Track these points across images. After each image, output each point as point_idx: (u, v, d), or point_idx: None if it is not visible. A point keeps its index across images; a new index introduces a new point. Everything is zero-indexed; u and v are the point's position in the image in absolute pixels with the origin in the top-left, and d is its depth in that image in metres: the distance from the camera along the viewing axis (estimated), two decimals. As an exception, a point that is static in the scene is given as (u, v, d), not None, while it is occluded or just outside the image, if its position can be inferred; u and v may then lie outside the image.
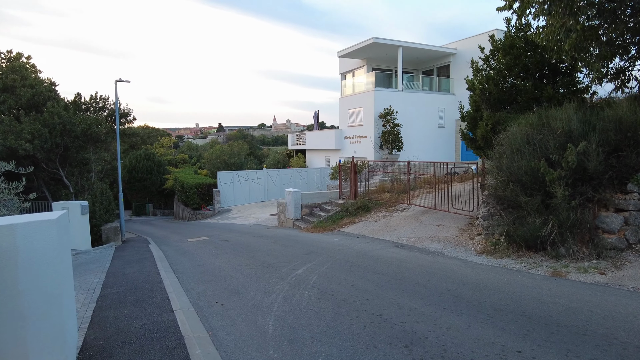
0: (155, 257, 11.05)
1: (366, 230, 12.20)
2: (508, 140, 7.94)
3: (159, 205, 44.56)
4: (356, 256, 8.80)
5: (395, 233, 11.25)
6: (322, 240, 11.35)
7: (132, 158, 44.17)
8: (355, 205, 14.31)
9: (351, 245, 10.14)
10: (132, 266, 9.76)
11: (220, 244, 12.49)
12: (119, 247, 13.74)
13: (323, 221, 14.06)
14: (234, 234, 15.13)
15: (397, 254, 8.77)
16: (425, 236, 10.43)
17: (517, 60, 9.43)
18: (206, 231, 17.13)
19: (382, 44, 26.33)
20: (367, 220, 13.31)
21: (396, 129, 25.67)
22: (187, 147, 67.25)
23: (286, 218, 15.86)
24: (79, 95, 19.48)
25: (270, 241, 12.26)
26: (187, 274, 8.53)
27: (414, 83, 29.38)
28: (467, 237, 9.75)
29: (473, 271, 6.89)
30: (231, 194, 26.63)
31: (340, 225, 13.43)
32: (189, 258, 10.53)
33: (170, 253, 11.75)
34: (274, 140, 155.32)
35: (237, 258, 9.81)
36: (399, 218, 12.81)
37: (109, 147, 21.90)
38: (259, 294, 6.45)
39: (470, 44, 27.93)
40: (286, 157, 38.86)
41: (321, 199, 16.00)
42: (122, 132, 23.63)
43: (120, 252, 12.51)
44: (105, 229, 13.96)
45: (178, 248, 12.69)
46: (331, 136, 30.42)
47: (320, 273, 7.48)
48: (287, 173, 29.78)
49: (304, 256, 9.28)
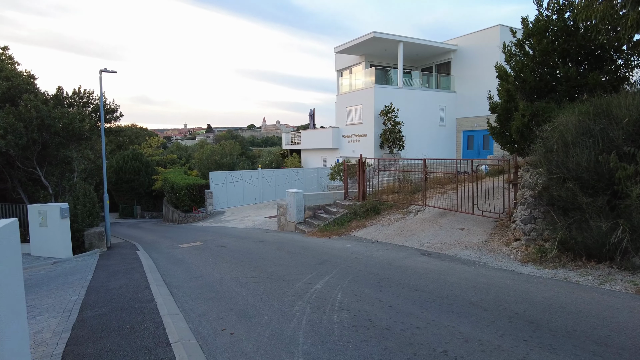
0: (145, 266, 9.74)
1: (380, 235, 11.03)
2: (558, 132, 6.84)
3: (147, 207, 42.92)
4: (380, 267, 7.61)
5: (415, 238, 10.10)
6: (334, 247, 10.14)
7: (119, 158, 42.46)
8: (364, 207, 13.14)
9: (369, 253, 8.96)
10: (118, 278, 8.44)
11: (217, 251, 11.22)
12: (104, 255, 12.37)
13: (330, 225, 12.86)
14: (230, 238, 13.85)
15: (427, 264, 7.60)
16: (451, 242, 9.30)
17: (554, 45, 8.37)
18: (199, 235, 15.81)
19: (382, 39, 25.27)
20: (379, 224, 12.14)
21: (397, 127, 24.60)
22: (175, 148, 65.49)
23: (287, 221, 14.63)
24: (60, 89, 17.96)
25: (273, 247, 11.03)
26: (183, 288, 7.26)
27: (412, 80, 28.33)
28: (500, 243, 8.65)
29: (532, 286, 5.75)
30: (224, 195, 25.28)
31: (350, 229, 12.25)
32: (183, 268, 9.24)
33: (161, 261, 10.44)
34: (264, 141, 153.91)
35: (239, 268, 8.56)
36: (414, 221, 11.67)
37: (94, 145, 20.42)
38: (275, 317, 5.22)
39: (472, 40, 27.06)
40: (280, 157, 37.56)
41: (325, 201, 14.80)
42: (108, 130, 22.18)
43: (105, 261, 11.16)
44: (88, 234, 12.58)
45: (170, 255, 11.39)
46: (328, 135, 29.26)
47: (344, 289, 6.27)
48: (282, 173, 28.52)
49: (317, 266, 8.07)
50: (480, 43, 26.55)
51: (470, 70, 27.24)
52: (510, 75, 8.70)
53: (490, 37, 25.84)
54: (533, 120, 8.13)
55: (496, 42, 25.62)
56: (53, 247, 11.57)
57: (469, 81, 27.36)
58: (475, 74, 26.87)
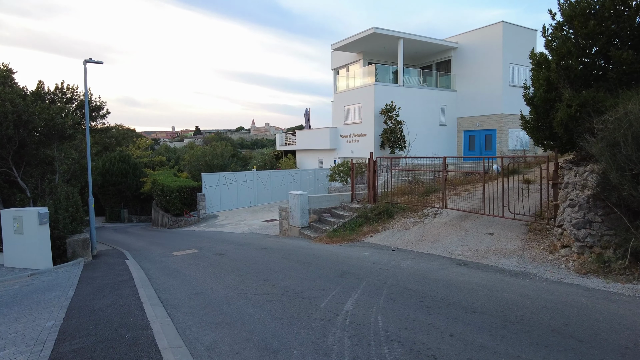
0: (136, 279, 8.52)
1: (399, 241, 9.96)
2: (626, 122, 5.84)
3: (135, 211, 41.36)
4: (415, 280, 6.53)
5: (440, 245, 9.05)
6: (349, 255, 9.04)
7: (105, 160, 40.82)
8: (375, 210, 12.08)
9: (394, 263, 7.88)
10: (104, 295, 7.22)
11: (216, 260, 10.03)
12: (89, 265, 11.09)
13: (339, 229, 11.76)
14: (228, 245, 12.67)
15: (470, 277, 6.55)
16: (484, 249, 8.27)
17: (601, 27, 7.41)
18: (193, 242, 14.58)
19: (382, 35, 24.32)
20: (394, 229, 11.08)
21: (399, 127, 23.62)
22: (164, 149, 63.77)
23: (290, 225, 13.49)
24: (41, 83, 16.55)
25: (279, 256, 9.89)
26: (183, 308, 6.09)
27: (412, 78, 27.41)
28: (541, 250, 7.65)
29: (620, 307, 4.73)
30: (217, 198, 24.01)
31: (362, 235, 11.16)
32: (180, 281, 8.05)
33: (154, 273, 9.23)
34: (253, 144, 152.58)
35: (245, 282, 7.41)
36: (434, 225, 10.63)
37: (79, 145, 19.02)
38: (307, 353, 4.10)
39: (474, 38, 26.28)
40: (274, 159, 36.37)
41: (331, 203, 13.70)
42: (94, 129, 20.77)
43: (89, 272, 9.89)
44: (71, 242, 11.28)
45: (163, 265, 10.17)
46: (325, 135, 28.17)
47: (383, 311, 5.18)
48: (278, 175, 27.34)
49: (338, 280, 6.96)
50: (482, 41, 25.79)
51: (472, 69, 26.46)
52: (552, 62, 7.72)
53: (493, 34, 25.10)
54: (581, 111, 7.14)
55: (499, 39, 24.91)
56: (30, 257, 10.27)
57: (470, 80, 26.58)
58: (476, 72, 26.09)
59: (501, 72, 24.83)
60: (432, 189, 13.96)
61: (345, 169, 21.98)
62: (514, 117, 25.93)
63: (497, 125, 25.56)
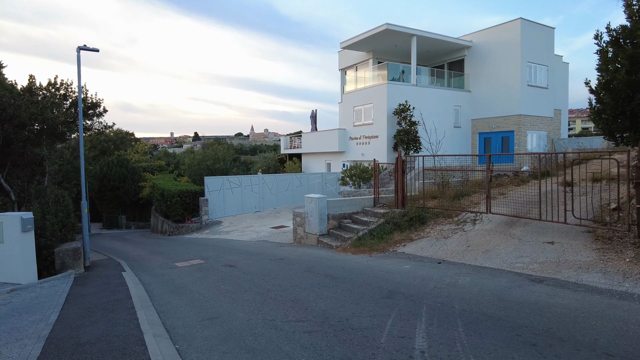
0: (134, 298, 7.11)
1: (441, 251, 8.58)
2: None
3: (133, 217, 39.92)
4: (490, 303, 5.15)
5: (494, 256, 7.68)
6: (388, 269, 7.65)
7: (103, 165, 39.43)
8: (405, 215, 10.70)
9: (449, 280, 6.50)
10: (95, 321, 5.81)
11: (227, 273, 8.63)
12: (80, 278, 9.66)
13: (364, 237, 10.36)
14: (238, 255, 11.27)
15: (558, 298, 5.17)
16: (550, 261, 6.91)
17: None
18: (198, 250, 13.17)
19: (394, 31, 23.14)
20: (431, 237, 9.70)
21: (414, 128, 22.31)
22: (163, 154, 62.39)
23: (306, 233, 12.10)
24: (32, 78, 15.19)
25: (301, 268, 8.50)
26: (196, 342, 4.69)
27: (422, 77, 26.11)
28: (629, 263, 6.28)
29: None
30: (221, 203, 22.59)
31: (393, 244, 9.78)
32: (188, 301, 6.65)
33: (156, 289, 7.82)
34: (252, 149, 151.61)
35: (269, 302, 6.02)
36: (478, 233, 9.26)
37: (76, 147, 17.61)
38: None
39: (489, 36, 25.13)
40: (278, 163, 35.00)
41: (352, 208, 12.32)
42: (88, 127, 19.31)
43: (80, 288, 8.47)
44: (60, 252, 9.86)
45: (166, 279, 8.76)
46: (333, 137, 26.85)
47: (472, 350, 3.79)
48: (284, 179, 25.97)
49: (387, 302, 5.58)
50: (498, 39, 24.62)
51: (487, 68, 25.27)
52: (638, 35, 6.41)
53: (510, 31, 23.94)
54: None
55: (517, 37, 23.71)
56: (10, 270, 8.85)
57: (485, 80, 25.38)
58: (492, 72, 24.91)
59: (519, 72, 23.63)
60: (463, 192, 12.60)
61: (358, 172, 20.62)
62: (532, 119, 24.69)
63: (515, 127, 24.31)
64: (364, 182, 20.58)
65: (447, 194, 12.48)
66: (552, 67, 25.72)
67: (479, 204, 11.57)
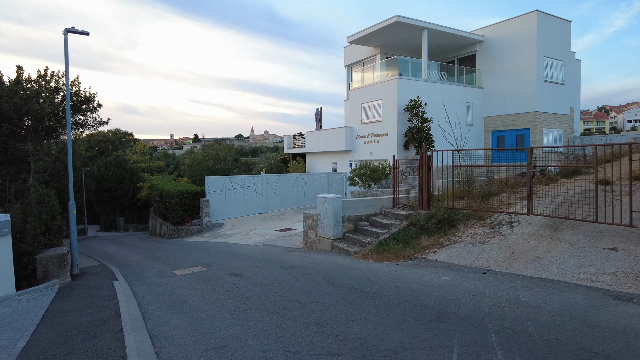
0: (124, 316, 5.94)
1: (482, 259, 7.42)
2: None
3: (132, 219, 38.77)
4: (579, 331, 4.00)
5: (547, 265, 6.53)
6: (424, 282, 6.49)
7: (100, 165, 38.36)
8: (433, 217, 9.54)
9: (506, 296, 5.34)
10: (71, 351, 4.64)
11: (233, 284, 7.47)
12: (65, 290, 8.49)
13: (387, 243, 9.20)
14: (243, 261, 10.12)
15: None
16: (625, 272, 5.76)
17: None
18: (199, 256, 12.02)
19: (405, 24, 22.02)
20: (465, 241, 8.55)
21: (426, 125, 21.18)
22: (163, 155, 61.30)
23: (319, 237, 10.94)
24: (20, 69, 14.04)
25: (319, 279, 7.34)
26: (199, 386, 3.53)
27: (431, 73, 24.95)
28: None
29: None
30: (222, 204, 21.42)
31: (421, 250, 8.61)
32: (188, 320, 5.49)
33: (150, 304, 6.65)
34: (252, 151, 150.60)
35: (287, 325, 4.86)
36: (519, 237, 8.10)
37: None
38: None
39: (502, 30, 24.00)
40: (281, 163, 33.82)
41: (369, 209, 11.16)
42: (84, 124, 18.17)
43: (62, 302, 7.31)
44: (42, 259, 8.69)
45: (163, 290, 7.60)
46: (340, 136, 25.71)
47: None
48: (289, 179, 24.83)
49: (439, 327, 4.43)
50: (513, 32, 23.50)
51: (500, 64, 24.15)
52: None
53: (525, 25, 22.81)
54: None
55: (533, 30, 22.57)
56: (-16, 280, 7.68)
57: (499, 76, 24.25)
58: (506, 67, 23.79)
59: (535, 67, 22.49)
60: (490, 192, 11.46)
61: (368, 172, 19.47)
62: (548, 116, 23.56)
63: (531, 124, 23.17)
64: (374, 182, 19.43)
65: (474, 193, 11.34)
66: (567, 63, 24.62)
67: (510, 205, 10.45)
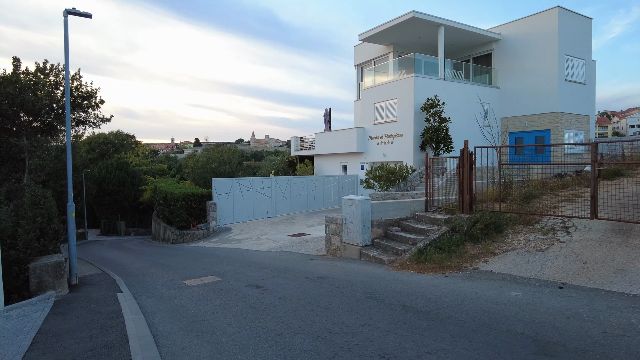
0: (132, 342, 4.88)
1: (548, 270, 6.35)
2: None
3: (133, 222, 37.68)
4: None
5: (636, 278, 5.46)
6: (495, 299, 5.41)
7: (101, 167, 37.31)
8: (477, 221, 8.47)
9: (616, 321, 4.28)
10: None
11: (255, 298, 6.40)
12: (62, 303, 7.41)
13: (427, 250, 8.12)
14: (261, 271, 9.05)
15: None
16: None
17: None
18: (209, 264, 10.95)
19: (421, 20, 21.09)
20: (519, 249, 7.48)
21: (444, 125, 20.17)
22: (165, 158, 60.29)
23: (344, 243, 9.87)
24: (17, 61, 13.03)
25: (359, 294, 6.26)
26: None
27: (451, 72, 23.98)
28: None
29: None
30: (230, 207, 20.35)
31: (469, 259, 7.55)
32: (212, 349, 4.41)
33: (162, 323, 5.58)
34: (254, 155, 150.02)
35: (343, 357, 3.79)
36: (584, 244, 7.03)
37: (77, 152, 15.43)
38: None
39: (521, 27, 23.04)
40: (287, 166, 32.77)
41: (399, 213, 10.10)
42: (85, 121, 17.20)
43: (57, 320, 6.23)
44: (36, 268, 7.63)
45: (175, 305, 6.52)
46: (352, 137, 24.68)
47: None
48: (299, 181, 23.78)
49: (549, 362, 3.36)
50: (532, 30, 22.55)
51: (519, 63, 23.17)
52: None
53: (546, 22, 21.83)
54: None
55: (554, 27, 21.58)
56: (-32, 294, 6.62)
57: (517, 75, 23.28)
58: (524, 66, 22.82)
59: (556, 65, 21.50)
60: (531, 194, 10.42)
61: (384, 174, 18.42)
62: (570, 116, 22.54)
63: (552, 125, 22.15)
64: (391, 184, 18.38)
65: (514, 195, 10.29)
66: (588, 61, 23.64)
67: (556, 208, 9.39)
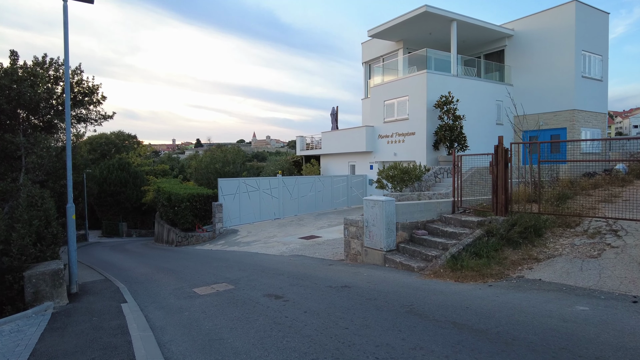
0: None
1: (607, 279, 5.62)
2: None
3: (135, 224, 37.00)
4: None
5: None
6: (560, 315, 4.69)
7: (103, 168, 36.65)
8: (515, 224, 7.74)
9: None
10: None
11: (277, 311, 5.67)
12: (60, 317, 6.69)
13: (461, 256, 7.39)
14: (276, 277, 8.33)
15: None
16: None
17: None
18: (218, 268, 10.22)
19: (434, 15, 20.43)
20: (565, 255, 6.75)
21: (458, 122, 19.45)
22: (167, 158, 59.62)
23: (366, 248, 9.14)
24: (14, 54, 12.35)
25: (396, 307, 5.54)
26: None
27: (463, 69, 23.22)
28: None
29: None
30: (236, 209, 19.63)
31: (511, 266, 6.82)
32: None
33: (174, 343, 4.85)
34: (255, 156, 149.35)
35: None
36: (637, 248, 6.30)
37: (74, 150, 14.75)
38: None
39: (535, 23, 22.32)
40: (292, 166, 32.05)
41: (425, 215, 9.37)
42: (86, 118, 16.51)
43: (55, 339, 5.51)
44: (32, 276, 6.91)
45: (186, 319, 5.79)
46: (361, 135, 23.96)
47: None
48: (307, 181, 23.05)
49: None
50: (547, 25, 21.82)
51: (533, 59, 22.45)
52: None
53: (563, 16, 21.10)
54: None
55: (571, 22, 20.83)
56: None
57: (531, 72, 22.56)
58: (539, 63, 22.09)
59: (573, 61, 20.76)
60: (565, 194, 9.69)
61: (398, 173, 17.67)
62: (586, 114, 21.78)
63: (568, 123, 21.42)
64: (405, 185, 17.64)
65: (547, 196, 9.56)
66: (605, 58, 22.89)
67: (595, 209, 8.67)
